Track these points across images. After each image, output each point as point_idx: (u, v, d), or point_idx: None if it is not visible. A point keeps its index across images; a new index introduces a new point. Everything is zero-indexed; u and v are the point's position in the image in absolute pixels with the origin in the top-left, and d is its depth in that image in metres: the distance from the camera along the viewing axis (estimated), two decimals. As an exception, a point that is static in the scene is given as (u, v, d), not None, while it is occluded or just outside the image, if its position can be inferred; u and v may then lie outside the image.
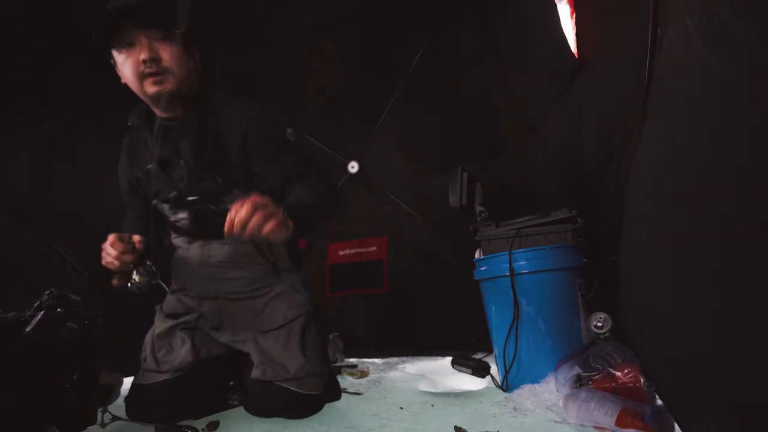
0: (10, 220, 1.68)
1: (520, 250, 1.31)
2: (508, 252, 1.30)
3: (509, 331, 1.28)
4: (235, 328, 1.35)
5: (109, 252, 1.16)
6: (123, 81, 1.24)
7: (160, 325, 1.38)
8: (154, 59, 1.17)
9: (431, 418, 1.11)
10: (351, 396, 1.40)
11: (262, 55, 2.17)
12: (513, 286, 1.28)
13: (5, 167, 1.69)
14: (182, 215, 1.17)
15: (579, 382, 1.08)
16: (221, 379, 1.40)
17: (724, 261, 0.59)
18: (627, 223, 1.08)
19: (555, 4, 1.32)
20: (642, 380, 0.99)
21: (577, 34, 1.32)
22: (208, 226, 1.20)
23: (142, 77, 1.18)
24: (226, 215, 1.13)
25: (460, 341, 1.92)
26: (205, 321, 1.37)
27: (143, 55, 1.16)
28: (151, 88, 1.20)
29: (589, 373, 1.07)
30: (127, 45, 1.18)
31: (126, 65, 1.19)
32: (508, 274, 1.29)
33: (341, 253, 2.44)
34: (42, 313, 1.04)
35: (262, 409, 1.25)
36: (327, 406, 1.30)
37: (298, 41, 2.13)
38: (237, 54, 2.18)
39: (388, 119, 2.26)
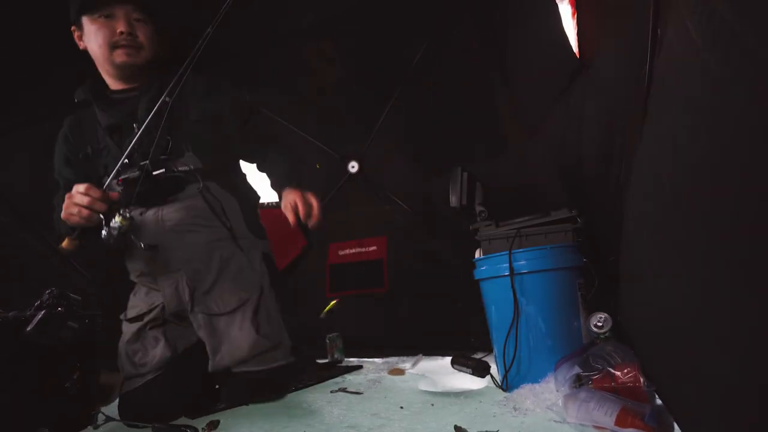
0: (10, 220, 1.68)
1: (520, 249, 1.31)
2: (508, 252, 1.30)
3: (509, 331, 1.28)
4: (193, 309, 1.31)
5: (79, 200, 1.10)
6: (82, 47, 1.34)
7: (128, 331, 1.35)
8: (131, 33, 1.29)
9: (431, 417, 1.11)
10: (351, 395, 1.40)
11: (262, 54, 2.17)
12: (513, 286, 1.28)
13: (5, 167, 1.69)
14: (131, 173, 1.22)
15: (579, 382, 1.08)
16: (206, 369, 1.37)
17: (724, 261, 0.59)
18: (627, 223, 1.08)
19: (556, 4, 1.32)
20: (642, 380, 0.99)
21: (578, 34, 1.32)
22: (157, 184, 1.24)
23: (113, 47, 1.29)
24: (176, 175, 1.26)
25: (460, 341, 1.92)
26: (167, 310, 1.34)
27: (121, 28, 1.28)
28: (120, 58, 1.30)
29: (589, 373, 1.07)
30: (105, 16, 1.28)
31: (99, 34, 1.28)
32: (507, 273, 1.29)
33: (341, 253, 2.44)
34: (42, 312, 1.04)
35: (236, 399, 1.25)
36: (327, 404, 1.30)
37: (298, 41, 2.13)
38: (237, 53, 2.18)
39: (388, 119, 2.26)
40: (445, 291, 2.12)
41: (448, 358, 1.58)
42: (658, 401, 0.98)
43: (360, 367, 1.90)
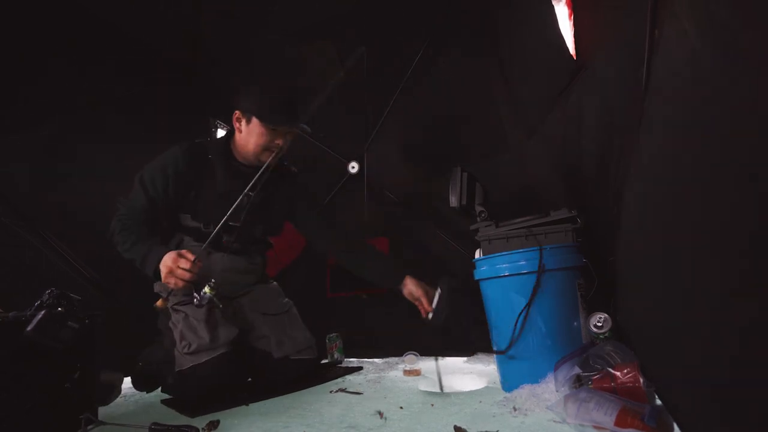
0: (10, 220, 1.68)
1: (521, 249, 1.31)
2: (507, 252, 1.30)
3: (512, 331, 1.28)
4: (244, 316, 1.66)
5: (181, 275, 1.31)
6: (236, 126, 1.55)
7: (195, 312, 1.48)
8: (281, 147, 1.54)
9: (431, 417, 1.12)
10: (351, 395, 1.40)
11: (262, 54, 2.17)
12: (529, 284, 1.28)
13: (6, 167, 1.69)
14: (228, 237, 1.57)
15: (578, 382, 1.08)
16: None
17: (723, 261, 0.59)
18: (626, 223, 1.08)
19: (552, 6, 1.32)
20: (641, 380, 0.99)
21: (576, 35, 1.32)
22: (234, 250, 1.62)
23: (265, 149, 1.53)
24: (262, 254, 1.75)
25: (460, 341, 1.92)
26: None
27: (279, 142, 1.53)
28: (264, 157, 1.53)
29: (589, 373, 1.07)
30: (273, 128, 1.50)
31: (261, 138, 1.52)
32: (507, 273, 1.29)
33: (341, 253, 2.43)
34: (43, 312, 1.04)
35: (288, 378, 1.60)
36: (327, 405, 1.30)
37: (298, 41, 2.13)
38: (237, 53, 2.19)
39: (388, 119, 2.27)
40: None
41: (449, 358, 1.58)
42: (658, 401, 0.98)
43: (360, 368, 1.90)
